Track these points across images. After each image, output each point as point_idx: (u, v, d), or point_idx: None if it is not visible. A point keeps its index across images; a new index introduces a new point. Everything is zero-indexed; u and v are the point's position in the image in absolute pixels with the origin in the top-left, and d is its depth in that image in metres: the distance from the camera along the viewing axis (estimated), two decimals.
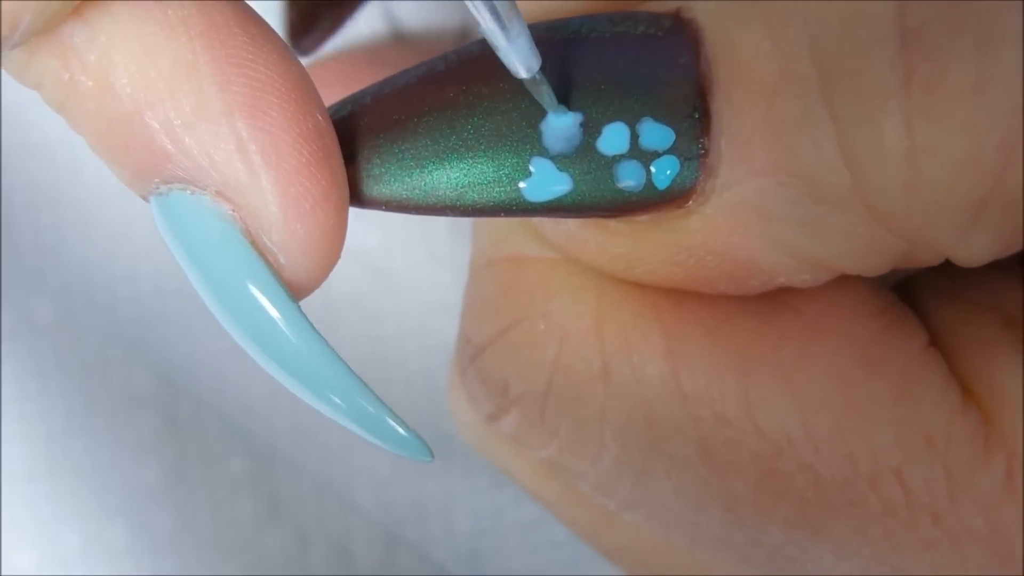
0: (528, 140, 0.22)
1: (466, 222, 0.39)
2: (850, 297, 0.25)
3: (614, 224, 0.23)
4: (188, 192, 0.20)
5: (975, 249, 0.23)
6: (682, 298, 0.24)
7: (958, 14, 0.21)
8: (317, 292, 0.40)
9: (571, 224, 0.24)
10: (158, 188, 0.20)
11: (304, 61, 0.40)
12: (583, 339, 0.25)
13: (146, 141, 0.20)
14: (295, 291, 0.20)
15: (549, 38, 0.22)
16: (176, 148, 0.20)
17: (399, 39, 0.41)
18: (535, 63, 0.20)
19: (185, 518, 0.41)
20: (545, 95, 0.21)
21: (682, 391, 0.24)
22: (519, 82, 0.21)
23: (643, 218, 0.23)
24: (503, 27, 0.19)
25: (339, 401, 0.21)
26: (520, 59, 0.20)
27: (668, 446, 0.24)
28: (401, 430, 0.21)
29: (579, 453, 0.25)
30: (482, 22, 0.19)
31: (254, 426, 0.41)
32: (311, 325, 0.20)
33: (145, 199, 0.21)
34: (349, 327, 0.41)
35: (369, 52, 0.40)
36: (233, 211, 0.20)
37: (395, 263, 0.41)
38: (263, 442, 0.41)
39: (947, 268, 0.25)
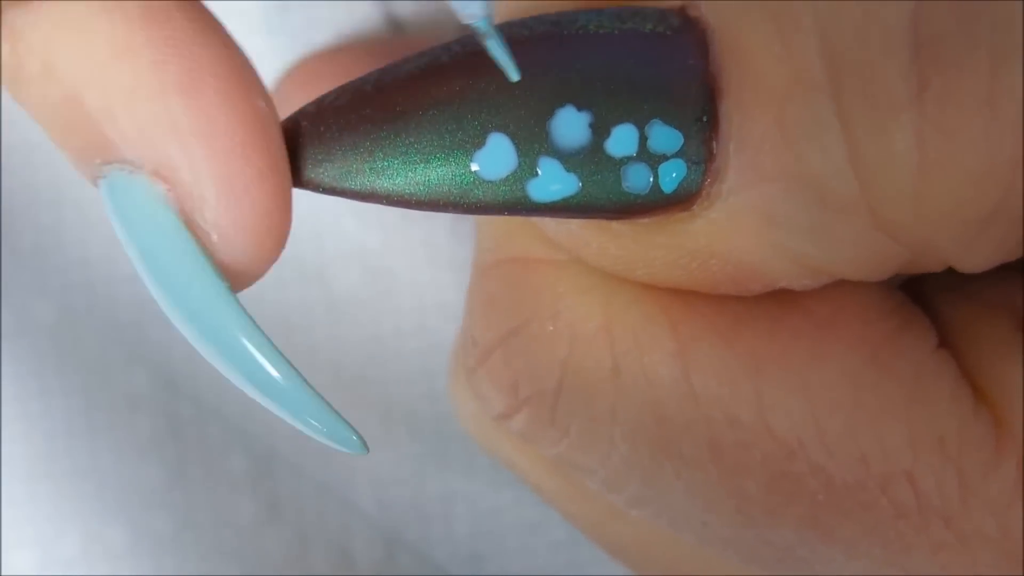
0: (536, 139, 0.21)
1: (467, 223, 0.39)
2: (861, 298, 0.25)
3: (617, 226, 0.23)
4: (126, 172, 0.20)
5: (979, 259, 0.23)
6: (693, 299, 0.24)
7: (973, 25, 0.21)
8: (317, 293, 0.41)
9: (573, 224, 0.24)
10: (101, 170, 0.20)
11: (300, 55, 0.40)
12: (593, 340, 0.25)
13: (86, 121, 0.20)
14: (235, 278, 0.21)
15: (557, 33, 0.22)
16: (112, 127, 0.20)
17: (398, 33, 0.41)
18: (474, 10, 0.20)
19: (185, 518, 0.41)
20: (491, 49, 0.20)
21: (693, 392, 0.24)
22: (527, 79, 0.21)
23: (646, 220, 0.23)
24: None
25: (257, 370, 0.21)
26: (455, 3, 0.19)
27: (678, 446, 0.24)
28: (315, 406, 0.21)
29: (589, 452, 0.25)
30: None
31: (254, 426, 0.41)
32: (237, 302, 0.20)
33: (95, 184, 0.21)
34: (349, 328, 0.41)
35: (367, 46, 0.40)
36: (168, 190, 0.20)
37: (395, 264, 0.41)
38: (263, 442, 0.41)
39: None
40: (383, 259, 0.41)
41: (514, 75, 0.21)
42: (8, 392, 0.41)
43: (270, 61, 0.40)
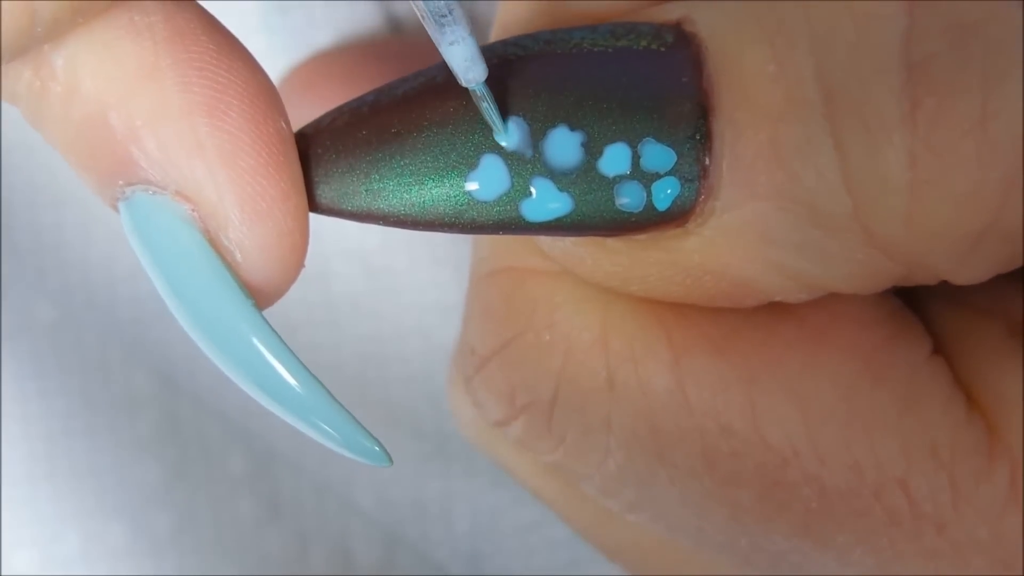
0: (529, 160, 0.21)
1: None
2: (855, 306, 0.25)
3: (611, 242, 0.23)
4: (150, 193, 0.20)
5: (972, 273, 0.23)
6: (688, 310, 0.24)
7: (965, 46, 0.21)
8: (317, 292, 0.41)
9: (568, 241, 0.24)
10: (123, 191, 0.20)
11: (300, 55, 0.40)
12: (588, 351, 0.25)
13: (110, 142, 0.20)
14: (257, 296, 0.21)
15: (550, 52, 0.22)
16: (137, 147, 0.20)
17: (398, 33, 0.41)
18: (475, 75, 0.20)
19: (185, 518, 0.41)
20: (485, 112, 0.21)
21: (688, 403, 0.24)
22: (520, 100, 0.21)
23: (641, 236, 0.23)
24: (438, 29, 0.19)
25: (284, 388, 0.21)
26: (456, 66, 0.20)
27: (672, 456, 0.24)
28: (346, 423, 0.21)
29: (584, 459, 0.25)
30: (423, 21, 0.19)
31: (254, 426, 0.41)
32: (265, 321, 0.20)
33: (114, 208, 0.21)
34: (349, 327, 0.41)
35: (368, 46, 0.40)
36: (192, 210, 0.20)
37: (395, 263, 0.41)
38: (263, 442, 0.41)
39: None
40: (383, 258, 0.41)
41: (503, 137, 0.21)
42: (8, 392, 0.41)
43: (270, 61, 0.40)
